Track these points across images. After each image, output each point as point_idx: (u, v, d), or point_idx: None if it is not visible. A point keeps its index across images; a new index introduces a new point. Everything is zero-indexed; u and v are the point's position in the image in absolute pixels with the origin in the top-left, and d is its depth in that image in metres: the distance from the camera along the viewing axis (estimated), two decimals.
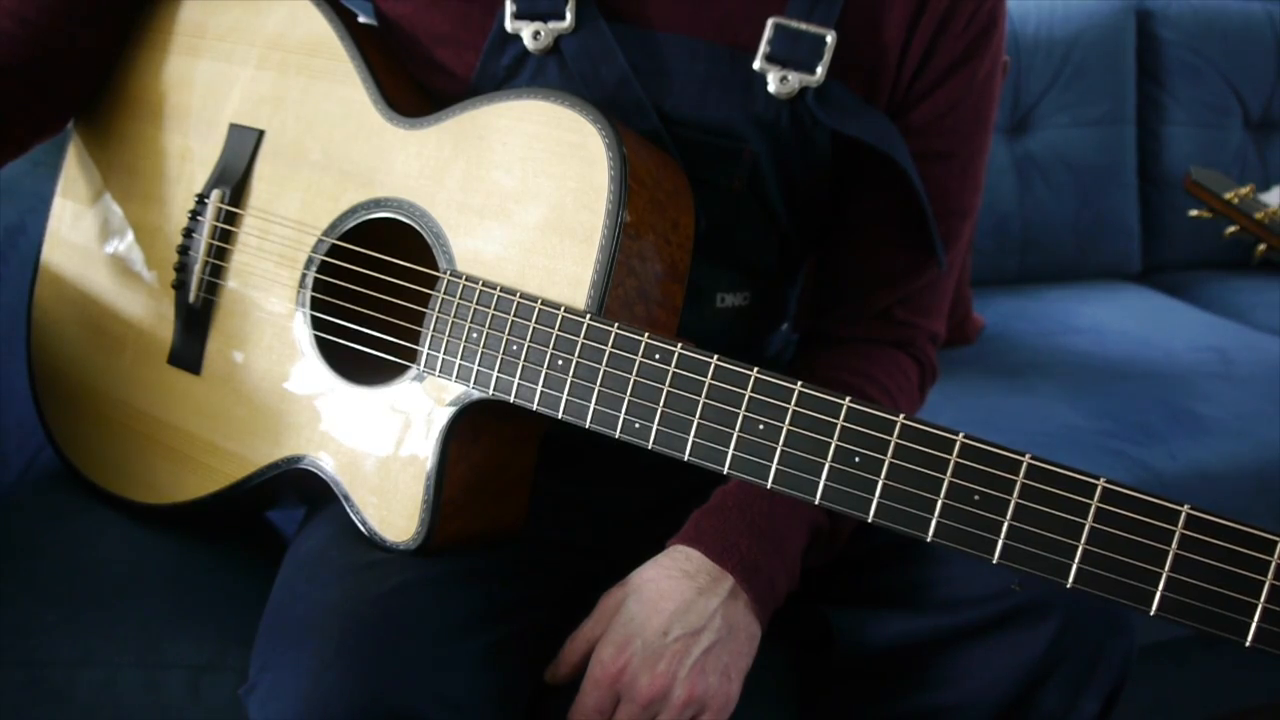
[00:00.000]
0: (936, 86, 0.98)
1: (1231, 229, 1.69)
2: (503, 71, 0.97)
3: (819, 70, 0.93)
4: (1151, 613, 0.63)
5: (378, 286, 0.94)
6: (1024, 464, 0.66)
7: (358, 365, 0.95)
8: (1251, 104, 2.39)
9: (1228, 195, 1.67)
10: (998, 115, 1.90)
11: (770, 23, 0.93)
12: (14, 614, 1.00)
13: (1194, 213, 1.76)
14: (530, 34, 0.94)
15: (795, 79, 0.93)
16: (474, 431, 0.89)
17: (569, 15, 0.93)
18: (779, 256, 1.05)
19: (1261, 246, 1.66)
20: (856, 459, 0.70)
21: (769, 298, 1.08)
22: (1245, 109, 2.39)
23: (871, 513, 0.69)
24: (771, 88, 0.94)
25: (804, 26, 0.93)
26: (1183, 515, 0.62)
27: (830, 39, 0.93)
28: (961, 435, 0.68)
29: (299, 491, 1.04)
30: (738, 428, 0.74)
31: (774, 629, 1.09)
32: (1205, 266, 2.38)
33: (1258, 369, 1.87)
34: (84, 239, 1.10)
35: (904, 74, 0.97)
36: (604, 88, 0.94)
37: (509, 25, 0.95)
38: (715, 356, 0.76)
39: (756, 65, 0.94)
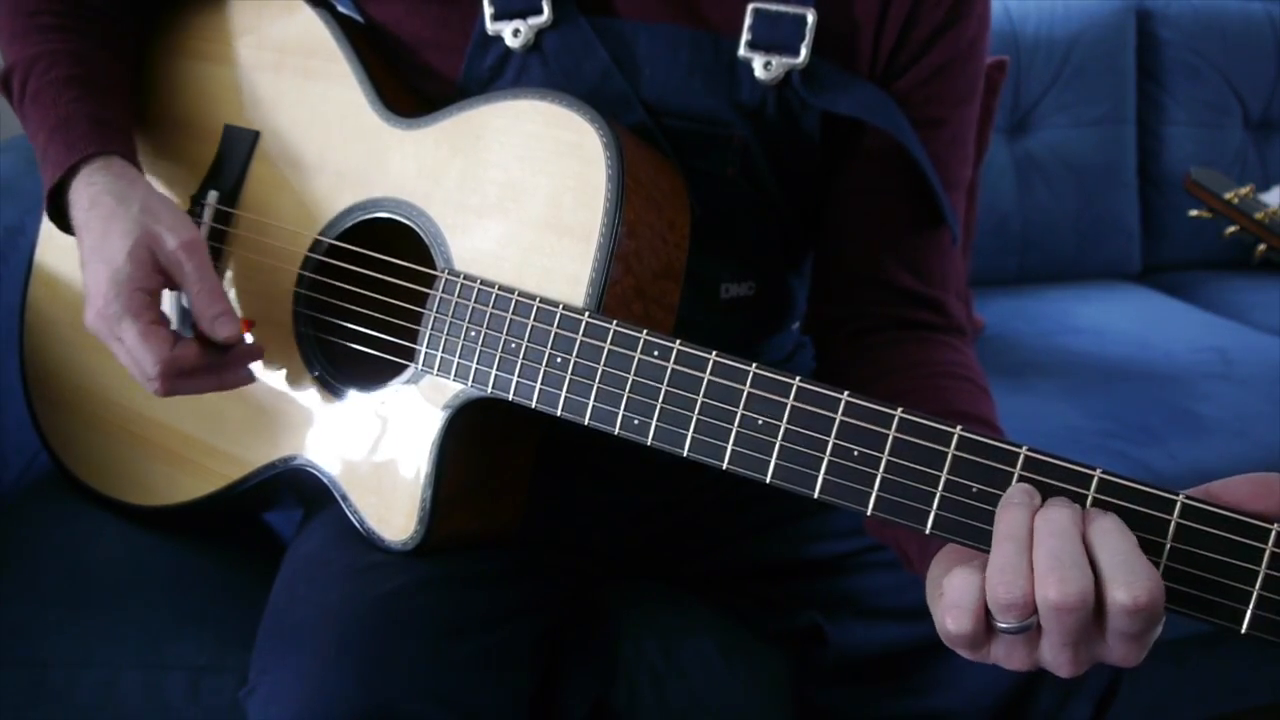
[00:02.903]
0: (921, 54, 0.96)
1: (1231, 229, 1.69)
2: (487, 72, 0.97)
3: (802, 52, 0.92)
4: None
5: (375, 286, 0.94)
6: (1020, 456, 0.66)
7: (355, 365, 0.95)
8: (1251, 104, 2.39)
9: (1228, 195, 1.67)
10: (998, 115, 1.91)
11: (749, 8, 0.92)
12: (15, 615, 1.01)
13: (1194, 213, 1.76)
14: (510, 32, 0.94)
15: (779, 63, 0.93)
16: (472, 430, 0.89)
17: (546, 8, 0.93)
18: (781, 241, 1.04)
19: (1261, 246, 1.66)
20: (855, 453, 0.70)
21: (775, 288, 1.07)
22: (1245, 109, 2.39)
23: (870, 506, 0.69)
24: (757, 74, 0.93)
25: (782, 8, 0.92)
26: (1178, 504, 0.63)
27: (811, 18, 0.92)
28: (959, 428, 0.68)
29: (296, 492, 1.04)
30: (736, 423, 0.74)
31: (772, 631, 1.10)
32: (1205, 266, 2.38)
33: (1258, 369, 1.87)
34: None
35: (883, 45, 0.96)
36: (587, 81, 0.94)
37: (489, 27, 0.95)
38: (714, 352, 0.76)
39: (740, 53, 0.93)
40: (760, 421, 0.73)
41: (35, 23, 0.99)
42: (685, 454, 0.76)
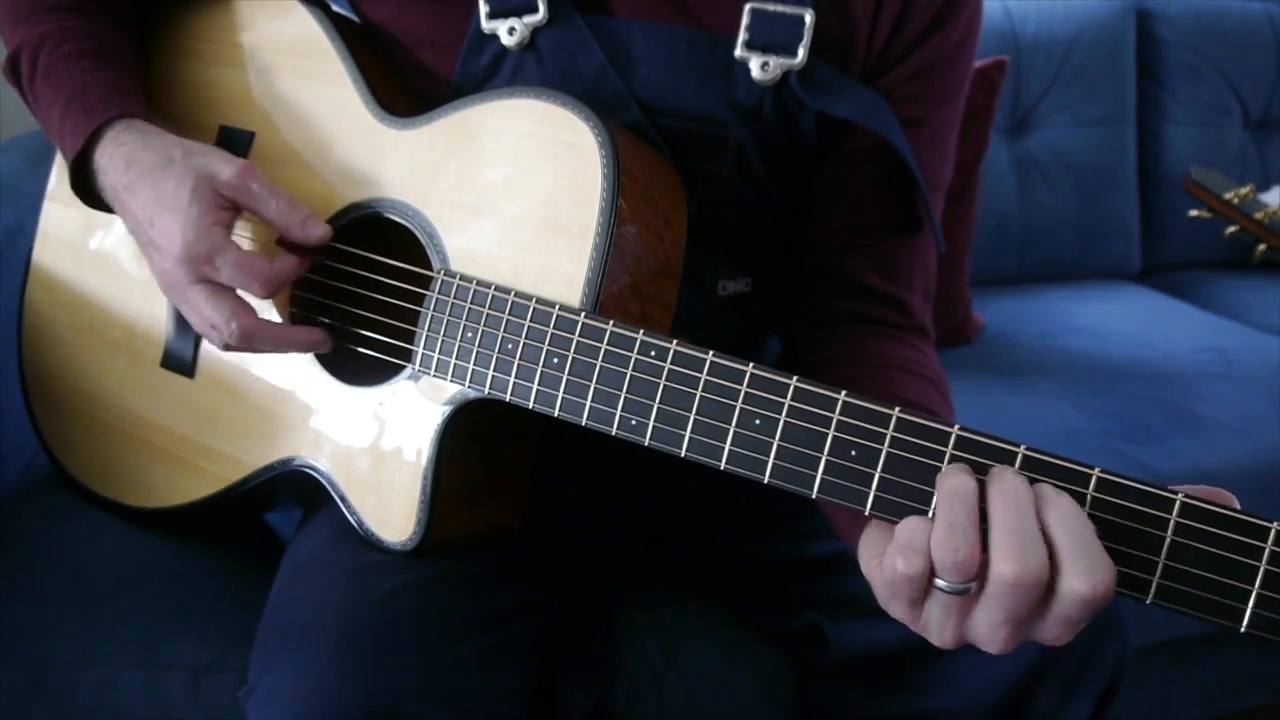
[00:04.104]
0: (907, 54, 0.96)
1: (1231, 229, 1.68)
2: (483, 71, 0.97)
3: (800, 52, 0.92)
4: (1148, 601, 0.64)
5: (371, 286, 0.94)
6: (1019, 455, 0.66)
7: (352, 366, 0.95)
8: (1251, 104, 2.39)
9: (1228, 195, 1.67)
10: (997, 116, 1.91)
11: (747, 8, 0.92)
12: (14, 615, 1.01)
13: (1194, 213, 1.76)
14: (506, 30, 0.94)
15: (777, 64, 0.92)
16: (470, 430, 0.89)
17: (541, 7, 0.93)
18: (777, 239, 1.04)
19: (1261, 246, 1.66)
20: (853, 452, 0.70)
21: (773, 285, 1.07)
22: (1245, 109, 2.39)
23: (869, 505, 0.69)
24: (755, 74, 0.93)
25: (780, 8, 0.92)
26: (1178, 503, 0.62)
27: (809, 18, 0.91)
28: (957, 428, 0.68)
29: (295, 493, 1.04)
30: (734, 423, 0.74)
31: (772, 631, 1.10)
32: (1205, 266, 2.38)
33: (1258, 369, 1.87)
34: (75, 241, 1.10)
35: (875, 44, 0.96)
36: (582, 80, 0.94)
37: (484, 25, 0.95)
38: (711, 352, 0.76)
39: (737, 53, 0.93)
40: (758, 421, 0.73)
41: (40, 4, 1.00)
42: (683, 454, 0.76)
